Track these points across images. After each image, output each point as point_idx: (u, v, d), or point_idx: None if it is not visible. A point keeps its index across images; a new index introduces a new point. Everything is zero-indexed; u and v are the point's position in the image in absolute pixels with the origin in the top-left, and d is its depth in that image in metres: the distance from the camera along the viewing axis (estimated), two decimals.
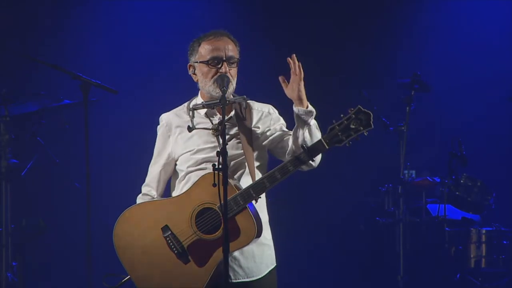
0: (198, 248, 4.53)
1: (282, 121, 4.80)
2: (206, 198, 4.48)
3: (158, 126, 4.82)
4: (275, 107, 4.84)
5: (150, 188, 4.83)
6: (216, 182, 4.32)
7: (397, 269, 8.42)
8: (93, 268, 5.72)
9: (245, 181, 4.62)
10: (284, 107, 4.75)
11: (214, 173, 4.31)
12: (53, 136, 8.34)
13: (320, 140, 4.48)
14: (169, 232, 4.55)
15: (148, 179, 4.84)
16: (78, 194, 8.16)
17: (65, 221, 8.59)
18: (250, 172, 4.64)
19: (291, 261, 8.89)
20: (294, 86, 4.50)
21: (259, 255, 4.68)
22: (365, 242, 9.04)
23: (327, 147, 4.47)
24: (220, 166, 4.27)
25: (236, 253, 4.59)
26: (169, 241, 4.55)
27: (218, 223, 4.49)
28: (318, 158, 4.57)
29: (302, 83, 4.50)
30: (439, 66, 9.57)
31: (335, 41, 9.52)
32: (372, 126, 4.48)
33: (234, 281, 4.62)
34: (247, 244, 4.51)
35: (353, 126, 4.48)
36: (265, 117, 4.78)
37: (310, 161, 4.50)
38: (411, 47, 9.63)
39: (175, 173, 4.78)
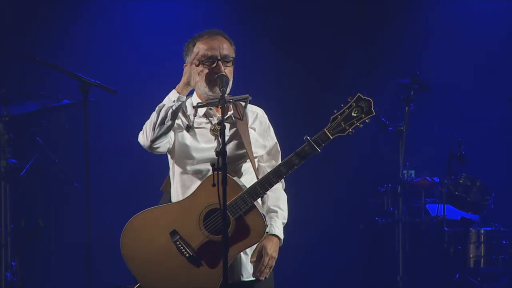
0: (208, 249, 4.48)
1: (277, 145, 4.78)
2: (212, 199, 4.39)
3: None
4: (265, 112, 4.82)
5: None
6: (218, 182, 4.26)
7: (396, 269, 8.42)
8: (92, 268, 5.71)
9: (248, 179, 4.62)
10: (283, 107, 4.76)
11: (218, 173, 4.25)
12: (52, 136, 8.34)
13: (323, 131, 4.47)
14: (178, 237, 4.49)
15: None
16: (78, 194, 8.16)
17: (65, 221, 8.59)
18: (252, 170, 4.63)
19: (291, 261, 8.89)
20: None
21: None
22: (365, 242, 9.04)
23: (331, 137, 4.48)
24: (220, 166, 4.24)
25: (245, 252, 4.57)
26: (179, 245, 4.49)
27: (227, 222, 4.44)
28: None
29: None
30: (439, 66, 9.57)
31: (335, 41, 9.52)
32: (374, 113, 4.46)
33: (246, 279, 4.60)
34: (259, 241, 4.50)
35: (354, 114, 4.48)
36: (260, 119, 4.76)
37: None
38: (411, 47, 9.63)
39: (172, 169, 4.69)
